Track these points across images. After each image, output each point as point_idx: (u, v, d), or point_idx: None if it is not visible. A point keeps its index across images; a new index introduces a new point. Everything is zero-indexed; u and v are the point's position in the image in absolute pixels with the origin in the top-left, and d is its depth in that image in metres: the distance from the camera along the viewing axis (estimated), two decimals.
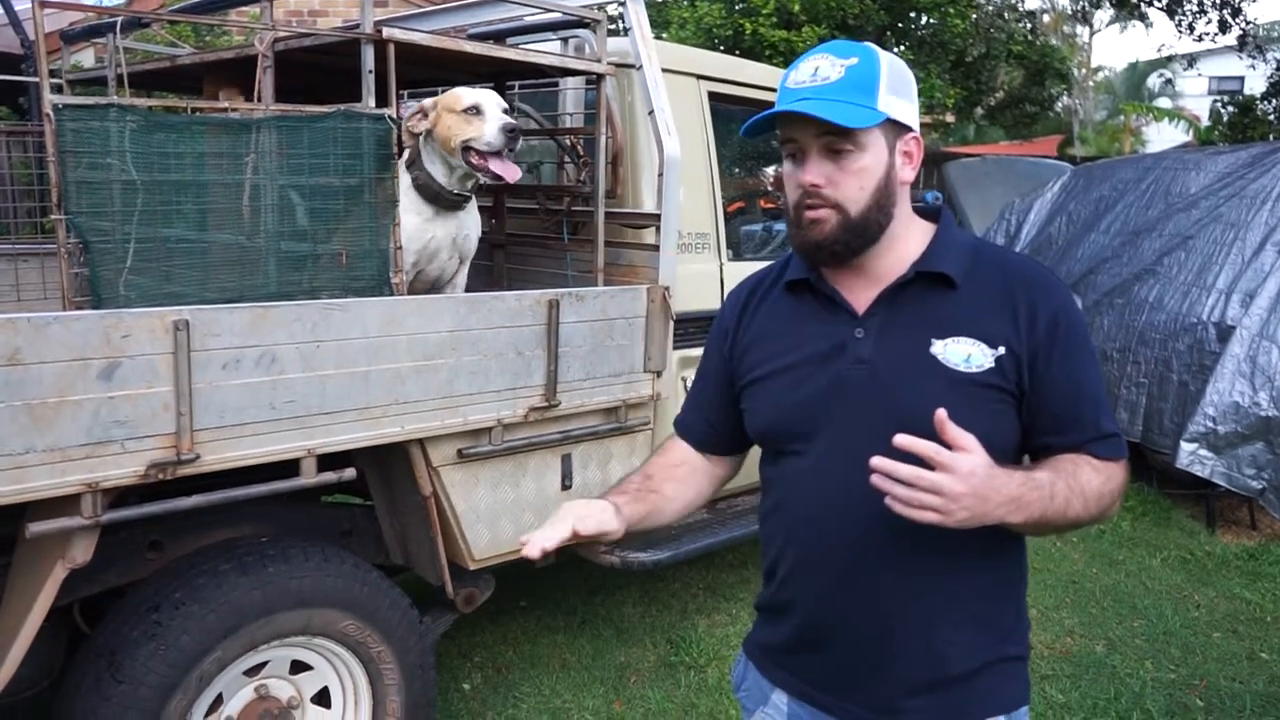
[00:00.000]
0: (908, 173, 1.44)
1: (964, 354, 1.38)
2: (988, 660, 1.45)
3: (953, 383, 1.37)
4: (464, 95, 2.80)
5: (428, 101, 2.80)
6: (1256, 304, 5.10)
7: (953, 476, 1.21)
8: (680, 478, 1.65)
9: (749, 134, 1.45)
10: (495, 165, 2.79)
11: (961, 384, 1.37)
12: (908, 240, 1.46)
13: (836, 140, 1.37)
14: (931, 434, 1.25)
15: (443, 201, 2.88)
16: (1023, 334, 1.38)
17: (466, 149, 2.79)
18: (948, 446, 1.23)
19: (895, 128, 1.41)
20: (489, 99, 2.81)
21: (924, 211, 1.52)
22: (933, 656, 1.44)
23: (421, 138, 2.83)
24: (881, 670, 1.46)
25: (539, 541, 1.36)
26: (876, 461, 1.23)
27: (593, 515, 1.43)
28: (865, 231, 1.41)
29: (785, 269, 1.58)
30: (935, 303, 1.43)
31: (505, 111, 2.82)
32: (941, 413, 1.23)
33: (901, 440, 1.23)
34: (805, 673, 1.54)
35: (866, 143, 1.38)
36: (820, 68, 1.38)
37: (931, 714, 1.45)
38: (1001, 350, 1.38)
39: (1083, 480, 1.35)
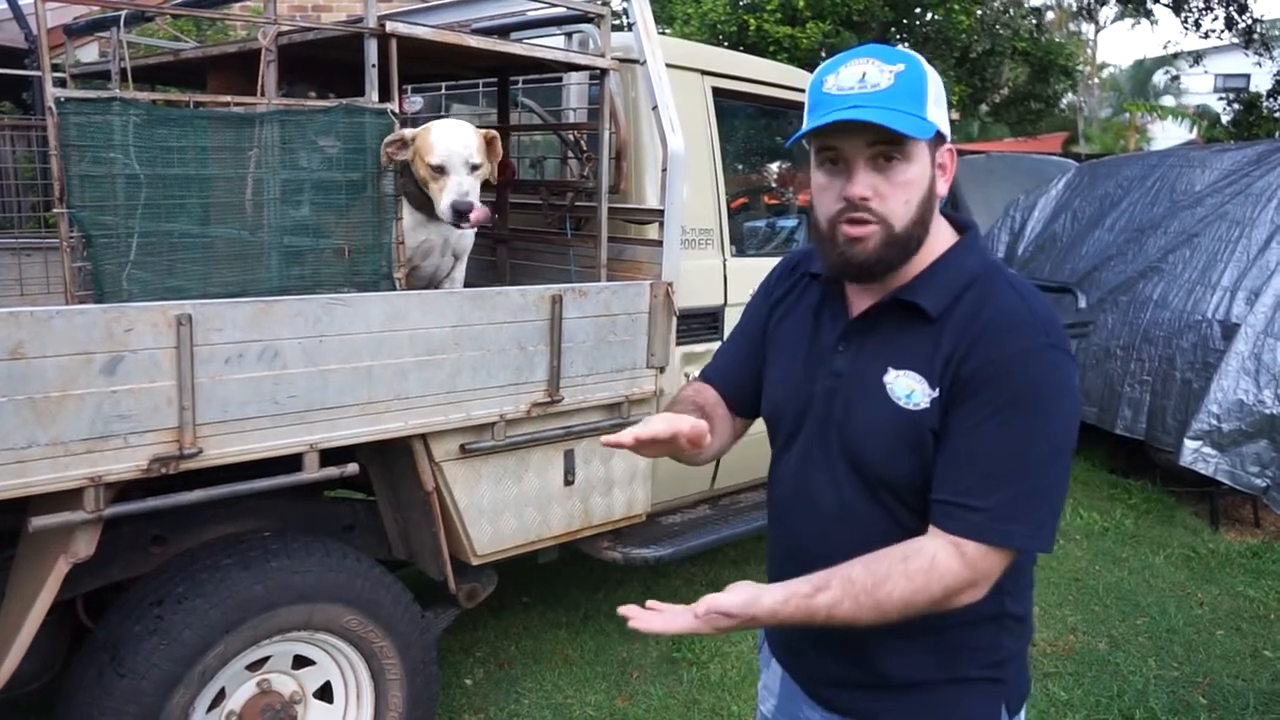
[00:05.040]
0: (942, 185, 1.40)
1: (908, 389, 1.36)
2: (938, 679, 1.44)
3: (895, 415, 1.36)
4: (434, 146, 2.61)
5: (408, 132, 2.64)
6: (1261, 301, 5.09)
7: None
8: (720, 417, 1.62)
9: (794, 144, 1.42)
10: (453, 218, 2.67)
11: (901, 418, 1.35)
12: (927, 254, 1.41)
13: (887, 149, 1.32)
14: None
15: (428, 210, 2.85)
16: (950, 374, 1.33)
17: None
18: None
19: (937, 138, 1.36)
20: (456, 153, 2.62)
21: (954, 222, 1.48)
22: (867, 662, 1.46)
23: None
24: (819, 661, 1.53)
25: (629, 433, 1.35)
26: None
27: (686, 424, 1.38)
28: (906, 247, 1.37)
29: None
30: (906, 331, 1.39)
31: (473, 168, 2.66)
32: None
33: None
34: (775, 642, 1.66)
35: (914, 154, 1.33)
36: (868, 73, 1.32)
37: (861, 708, 1.50)
38: (936, 392, 1.34)
39: (882, 588, 1.27)
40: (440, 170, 2.63)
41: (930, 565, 1.27)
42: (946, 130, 1.38)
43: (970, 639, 1.44)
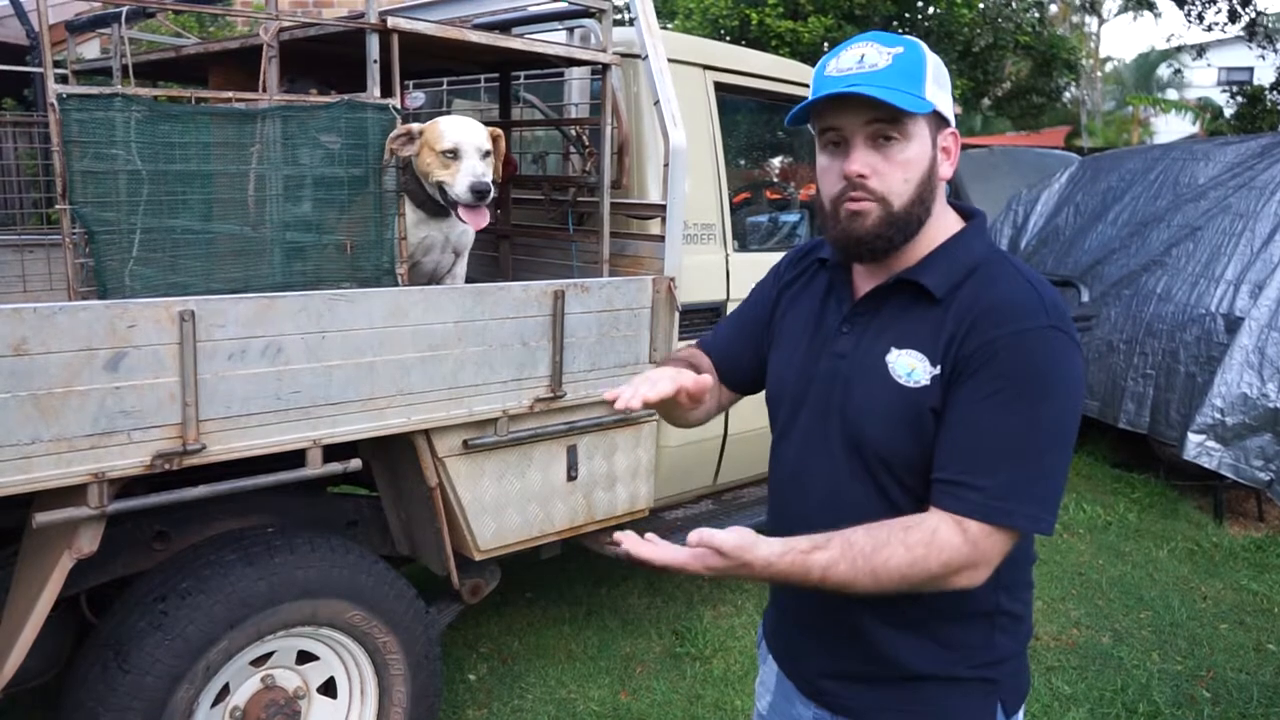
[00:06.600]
0: (945, 169, 1.41)
1: (909, 367, 1.36)
2: (929, 674, 1.44)
3: (897, 393, 1.36)
4: (445, 133, 2.66)
5: (415, 126, 2.66)
6: (1265, 295, 5.08)
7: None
8: (710, 385, 1.61)
9: (793, 123, 1.41)
10: (463, 213, 2.67)
11: (902, 396, 1.36)
12: (932, 239, 1.42)
13: (885, 127, 1.34)
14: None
15: (429, 208, 2.85)
16: (952, 354, 1.33)
17: (440, 186, 2.70)
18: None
19: (938, 120, 1.38)
20: (468, 140, 2.67)
21: (961, 210, 1.49)
22: (859, 649, 1.45)
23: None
24: (808, 647, 1.53)
25: (638, 395, 1.35)
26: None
27: (689, 379, 1.42)
28: (907, 226, 1.38)
29: None
30: (910, 312, 1.40)
31: (485, 155, 2.69)
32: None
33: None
34: (772, 637, 1.66)
35: (913, 132, 1.35)
36: (866, 55, 1.34)
37: (853, 705, 1.49)
38: (938, 370, 1.34)
39: (880, 554, 1.25)
40: (454, 154, 2.66)
41: (931, 538, 1.26)
42: (949, 113, 1.39)
43: (962, 636, 1.43)
